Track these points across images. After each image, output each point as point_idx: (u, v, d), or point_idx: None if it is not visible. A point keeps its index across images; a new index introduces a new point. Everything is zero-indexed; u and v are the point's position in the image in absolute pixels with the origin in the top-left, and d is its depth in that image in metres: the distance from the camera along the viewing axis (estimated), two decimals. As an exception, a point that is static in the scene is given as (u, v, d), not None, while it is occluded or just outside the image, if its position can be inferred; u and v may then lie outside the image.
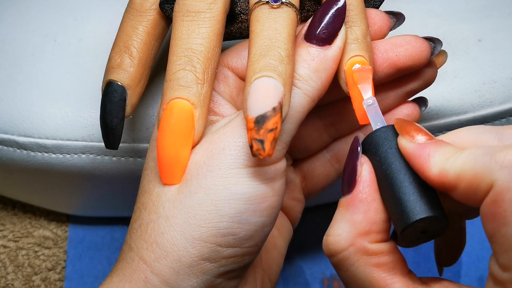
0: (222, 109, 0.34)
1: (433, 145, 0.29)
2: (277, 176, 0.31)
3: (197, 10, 0.32)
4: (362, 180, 0.30)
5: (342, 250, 0.30)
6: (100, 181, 0.45)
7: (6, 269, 0.51)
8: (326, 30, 0.32)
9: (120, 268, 0.32)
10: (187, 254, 0.31)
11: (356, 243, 0.30)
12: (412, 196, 0.29)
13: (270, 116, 0.28)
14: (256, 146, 0.28)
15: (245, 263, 0.32)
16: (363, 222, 0.30)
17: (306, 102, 0.32)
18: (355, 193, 0.30)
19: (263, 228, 0.31)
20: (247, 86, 0.29)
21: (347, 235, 0.30)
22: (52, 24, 0.45)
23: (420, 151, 0.29)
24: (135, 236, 0.32)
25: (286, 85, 0.29)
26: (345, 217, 0.30)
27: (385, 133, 0.31)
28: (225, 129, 0.32)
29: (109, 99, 0.34)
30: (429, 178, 0.28)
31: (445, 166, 0.28)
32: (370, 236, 0.30)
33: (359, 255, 0.30)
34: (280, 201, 0.32)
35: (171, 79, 0.32)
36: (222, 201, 0.30)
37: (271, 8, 0.31)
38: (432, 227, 0.29)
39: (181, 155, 0.31)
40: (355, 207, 0.30)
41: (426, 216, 0.28)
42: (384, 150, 0.30)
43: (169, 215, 0.31)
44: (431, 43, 0.35)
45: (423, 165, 0.28)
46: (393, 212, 0.29)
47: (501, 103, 0.44)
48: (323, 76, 0.32)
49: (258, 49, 0.30)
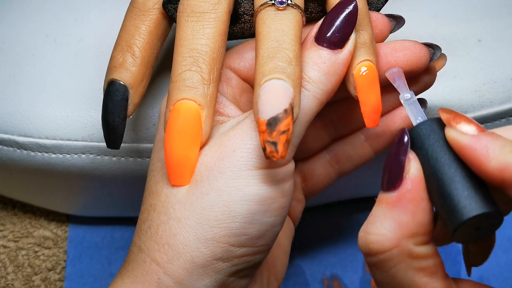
0: (227, 110, 0.34)
1: (489, 137, 0.27)
2: (287, 178, 0.32)
3: (202, 11, 0.32)
4: (411, 178, 0.29)
5: (384, 251, 0.28)
6: (100, 181, 0.45)
7: (6, 269, 0.51)
8: (338, 34, 0.32)
9: (131, 270, 0.32)
10: (200, 255, 0.31)
11: (401, 245, 0.28)
12: (466, 192, 0.27)
13: (282, 118, 0.28)
14: (270, 149, 0.29)
15: (256, 261, 0.32)
16: (410, 224, 0.28)
17: (315, 105, 0.32)
18: (403, 192, 0.28)
19: (274, 228, 0.32)
20: (256, 88, 0.30)
21: (392, 235, 0.28)
22: (52, 24, 0.45)
23: (475, 143, 0.27)
24: (144, 237, 0.32)
25: (296, 86, 0.29)
26: (390, 216, 0.28)
27: (430, 126, 0.29)
28: (234, 131, 0.32)
29: (111, 98, 0.34)
30: (488, 172, 0.26)
31: (508, 159, 0.26)
32: (416, 239, 0.28)
33: (403, 257, 0.28)
34: (289, 201, 0.32)
35: (177, 80, 0.32)
36: (234, 202, 0.30)
37: (277, 10, 0.31)
38: (486, 223, 0.28)
39: (189, 156, 0.31)
40: (403, 207, 0.28)
41: (483, 212, 0.27)
42: (430, 144, 0.28)
43: (180, 216, 0.31)
44: (430, 49, 0.35)
45: (480, 158, 0.27)
46: (443, 210, 0.28)
47: (501, 103, 0.44)
48: (333, 79, 0.32)
49: (266, 51, 0.30)
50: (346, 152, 0.39)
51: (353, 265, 0.53)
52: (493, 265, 0.53)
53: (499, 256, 0.53)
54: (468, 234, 0.28)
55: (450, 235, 0.28)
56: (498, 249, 0.53)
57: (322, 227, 0.55)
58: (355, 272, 0.53)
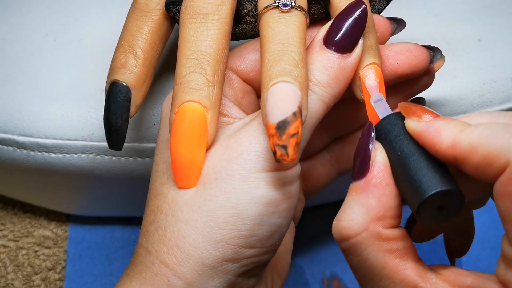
0: (230, 111, 0.34)
1: (442, 120, 0.29)
2: (294, 180, 0.32)
3: (205, 12, 0.32)
4: (376, 165, 0.30)
5: (355, 234, 0.30)
6: (100, 181, 0.45)
7: (6, 269, 0.51)
8: (348, 38, 0.32)
9: (139, 272, 0.32)
10: (210, 256, 0.31)
11: (370, 228, 0.29)
12: (426, 173, 0.29)
13: (291, 121, 0.28)
14: (280, 152, 0.29)
15: (264, 261, 0.33)
16: (377, 207, 0.30)
17: (322, 108, 0.32)
18: (369, 178, 0.30)
19: (281, 228, 0.32)
20: (264, 92, 0.30)
21: (360, 219, 0.30)
22: (52, 24, 0.45)
23: (429, 127, 0.29)
24: (152, 239, 0.32)
25: (303, 89, 0.30)
26: (359, 201, 0.30)
27: (392, 119, 0.31)
28: (242, 133, 0.32)
29: (114, 99, 0.34)
30: (441, 150, 0.28)
31: (459, 137, 0.27)
32: (384, 221, 0.30)
33: (373, 240, 0.29)
34: (295, 202, 0.32)
35: (182, 82, 0.32)
36: (243, 204, 0.31)
37: (281, 12, 0.31)
38: (448, 202, 0.29)
39: (196, 158, 0.31)
40: (369, 192, 0.30)
41: (441, 189, 0.28)
42: (393, 135, 0.30)
43: (189, 218, 0.31)
44: (430, 51, 0.36)
45: (433, 139, 0.28)
46: (407, 193, 0.29)
47: (501, 103, 0.44)
48: (341, 84, 0.32)
49: (272, 54, 0.30)
50: (346, 152, 0.39)
51: (353, 265, 0.53)
52: (492, 264, 0.53)
53: (499, 256, 0.53)
54: (432, 214, 0.29)
55: (415, 215, 0.29)
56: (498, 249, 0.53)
57: (322, 227, 0.55)
58: (355, 272, 0.53)
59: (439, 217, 0.30)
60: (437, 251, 0.53)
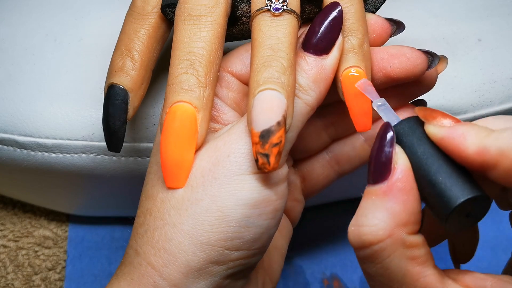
0: (225, 118, 0.34)
1: (466, 126, 0.28)
2: (280, 181, 0.32)
3: (199, 14, 0.32)
4: (399, 168, 0.29)
5: (379, 241, 0.28)
6: (100, 181, 0.45)
7: (6, 269, 0.51)
8: (324, 40, 0.32)
9: (127, 273, 0.33)
10: (196, 259, 0.31)
11: (395, 234, 0.28)
12: (453, 180, 0.28)
13: (275, 131, 0.29)
14: (262, 160, 0.29)
15: (251, 264, 0.33)
16: (402, 212, 0.28)
17: (306, 111, 0.32)
18: (392, 182, 0.29)
19: (269, 230, 0.32)
20: (250, 98, 0.30)
21: (385, 225, 0.28)
22: (52, 24, 0.45)
23: (453, 133, 0.28)
24: (141, 241, 0.32)
25: (289, 96, 0.30)
26: (382, 206, 0.28)
27: (408, 123, 0.30)
28: (230, 135, 0.32)
29: (112, 102, 0.35)
30: (467, 157, 0.27)
31: (485, 143, 0.27)
32: (408, 227, 0.28)
33: (396, 246, 0.28)
34: (283, 203, 0.32)
35: (174, 82, 0.32)
36: (228, 207, 0.31)
37: (273, 16, 0.31)
38: (476, 208, 0.28)
39: (185, 159, 0.32)
40: (393, 196, 0.28)
41: (472, 196, 0.27)
42: (412, 140, 0.29)
43: (175, 222, 0.31)
44: (429, 56, 0.35)
45: (458, 145, 0.27)
46: (432, 199, 0.28)
47: (501, 103, 0.44)
48: (321, 85, 0.32)
49: (261, 59, 0.30)
50: (346, 152, 0.39)
51: (353, 265, 0.53)
52: (493, 264, 0.53)
53: (499, 256, 0.53)
54: (459, 222, 0.29)
55: (443, 224, 0.28)
56: (498, 249, 0.53)
57: (322, 227, 0.55)
58: (355, 272, 0.53)
59: (465, 224, 0.29)
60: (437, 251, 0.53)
